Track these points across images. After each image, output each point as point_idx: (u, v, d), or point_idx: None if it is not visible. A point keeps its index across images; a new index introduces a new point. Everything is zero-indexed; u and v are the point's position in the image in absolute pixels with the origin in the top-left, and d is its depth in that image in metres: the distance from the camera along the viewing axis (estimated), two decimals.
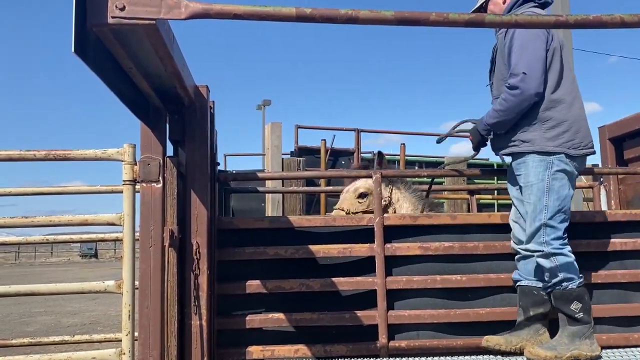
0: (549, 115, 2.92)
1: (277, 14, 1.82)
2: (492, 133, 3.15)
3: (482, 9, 3.28)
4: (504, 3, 3.18)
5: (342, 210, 4.08)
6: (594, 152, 3.07)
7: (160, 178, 2.78)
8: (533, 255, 2.92)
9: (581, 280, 2.89)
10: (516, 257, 3.11)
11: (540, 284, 2.96)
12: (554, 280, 2.85)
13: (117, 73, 2.31)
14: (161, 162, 2.79)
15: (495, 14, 3.16)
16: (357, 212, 4.06)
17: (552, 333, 2.96)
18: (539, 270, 2.95)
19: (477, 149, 3.31)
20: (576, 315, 2.80)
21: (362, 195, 4.13)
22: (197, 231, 2.90)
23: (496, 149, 3.19)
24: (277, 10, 1.82)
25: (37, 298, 14.58)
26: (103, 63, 2.09)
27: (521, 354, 2.89)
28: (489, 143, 3.30)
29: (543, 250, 2.84)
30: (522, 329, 2.97)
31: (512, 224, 3.14)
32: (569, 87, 2.98)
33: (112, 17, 1.81)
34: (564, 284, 2.83)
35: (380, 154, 4.42)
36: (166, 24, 2.07)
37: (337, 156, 8.91)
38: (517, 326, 3.02)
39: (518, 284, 3.08)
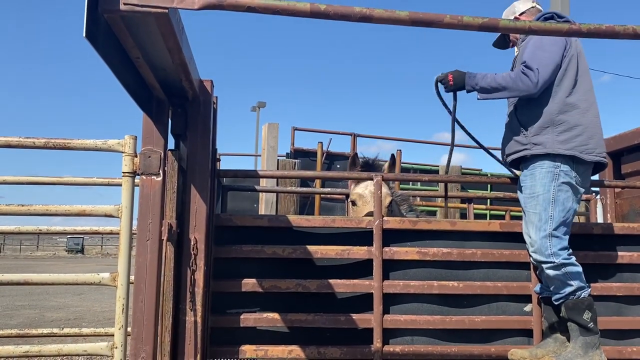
0: (562, 119, 2.95)
1: (291, 8, 1.80)
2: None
3: (505, 37, 3.40)
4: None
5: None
6: (605, 163, 3.08)
7: (161, 171, 2.75)
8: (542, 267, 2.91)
9: (590, 289, 2.90)
10: (537, 271, 3.10)
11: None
12: (568, 290, 2.85)
13: (124, 63, 2.28)
14: (162, 155, 2.76)
15: (514, 39, 3.29)
16: None
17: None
18: (557, 282, 2.90)
19: (451, 91, 3.21)
20: (589, 325, 2.80)
21: (389, 204, 4.07)
22: (195, 226, 2.87)
23: (507, 155, 3.16)
24: (291, 5, 1.80)
25: (20, 291, 14.43)
26: (111, 51, 2.07)
27: None
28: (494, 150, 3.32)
29: (554, 262, 2.84)
30: (548, 342, 2.97)
31: (526, 237, 3.09)
32: (584, 94, 3.01)
33: (125, 4, 1.79)
34: (578, 293, 2.84)
35: (392, 156, 4.47)
36: (177, 14, 2.05)
37: (332, 160, 8.88)
38: (543, 339, 3.04)
39: (541, 296, 3.08)
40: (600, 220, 4.44)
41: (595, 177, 4.56)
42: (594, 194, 4.70)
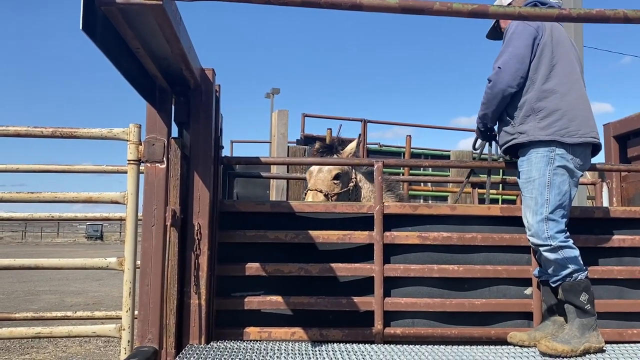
0: (541, 106, 3.01)
1: None
2: (483, 129, 3.40)
3: (495, 28, 3.48)
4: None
5: (320, 192, 4.11)
6: (596, 141, 3.07)
7: (165, 159, 2.82)
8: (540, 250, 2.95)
9: (587, 271, 2.93)
10: (536, 255, 3.13)
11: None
12: (564, 273, 2.88)
13: (125, 53, 2.34)
14: (166, 143, 2.83)
15: (505, 27, 3.32)
16: (333, 194, 4.12)
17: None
18: (554, 265, 2.93)
19: (478, 139, 3.53)
20: (585, 307, 2.83)
21: (337, 177, 4.21)
22: (199, 212, 2.95)
23: (501, 146, 3.29)
24: None
25: (42, 277, 14.79)
26: (111, 42, 2.12)
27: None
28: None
29: (550, 245, 2.88)
30: (547, 324, 3.01)
31: (524, 221, 3.10)
32: (562, 79, 3.05)
33: None
34: (574, 275, 2.87)
35: (359, 135, 4.65)
36: (173, 4, 2.09)
37: (342, 146, 8.89)
38: (542, 321, 3.08)
39: (540, 280, 3.11)
40: (606, 204, 4.43)
41: (602, 161, 4.54)
42: (600, 178, 4.67)
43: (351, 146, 4.55)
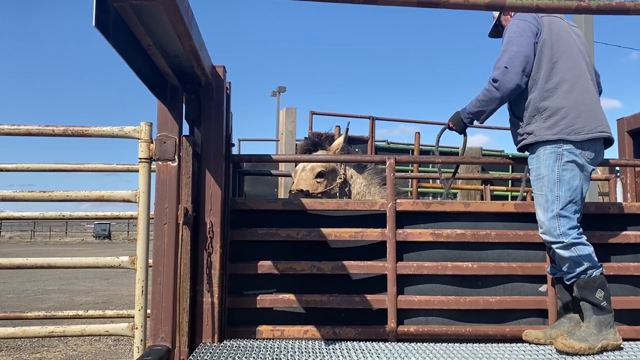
0: (544, 105, 2.99)
1: None
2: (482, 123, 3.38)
3: (497, 26, 3.47)
4: (511, 16, 3.28)
5: (301, 191, 4.04)
6: (606, 135, 3.00)
7: (176, 157, 2.80)
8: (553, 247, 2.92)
9: (602, 268, 2.89)
10: (551, 252, 3.10)
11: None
12: (579, 270, 2.85)
13: (136, 51, 2.32)
14: (177, 141, 2.81)
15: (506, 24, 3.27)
16: (316, 193, 4.04)
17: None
18: (568, 262, 2.90)
19: (462, 132, 3.48)
20: (601, 304, 2.80)
21: (320, 175, 4.12)
22: (211, 210, 2.93)
23: (516, 145, 3.27)
24: None
25: (51, 276, 14.87)
26: (123, 40, 2.11)
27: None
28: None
29: (563, 242, 2.85)
30: (563, 322, 2.98)
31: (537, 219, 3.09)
32: (565, 75, 3.00)
33: None
34: (589, 271, 2.84)
35: (346, 130, 4.61)
36: (185, 1, 2.08)
37: (350, 143, 8.87)
38: (558, 319, 3.05)
39: (554, 277, 3.09)
40: (620, 199, 4.38)
41: (616, 156, 4.49)
42: (614, 174, 4.62)
43: (338, 141, 4.41)
